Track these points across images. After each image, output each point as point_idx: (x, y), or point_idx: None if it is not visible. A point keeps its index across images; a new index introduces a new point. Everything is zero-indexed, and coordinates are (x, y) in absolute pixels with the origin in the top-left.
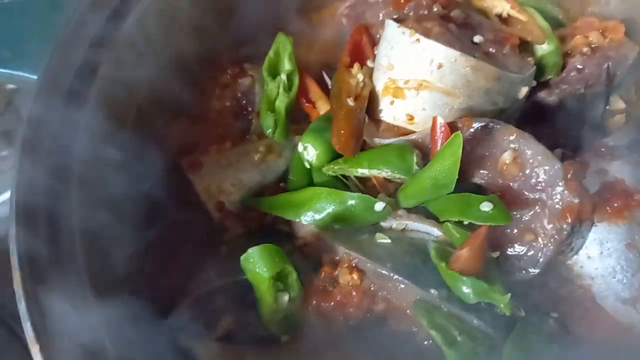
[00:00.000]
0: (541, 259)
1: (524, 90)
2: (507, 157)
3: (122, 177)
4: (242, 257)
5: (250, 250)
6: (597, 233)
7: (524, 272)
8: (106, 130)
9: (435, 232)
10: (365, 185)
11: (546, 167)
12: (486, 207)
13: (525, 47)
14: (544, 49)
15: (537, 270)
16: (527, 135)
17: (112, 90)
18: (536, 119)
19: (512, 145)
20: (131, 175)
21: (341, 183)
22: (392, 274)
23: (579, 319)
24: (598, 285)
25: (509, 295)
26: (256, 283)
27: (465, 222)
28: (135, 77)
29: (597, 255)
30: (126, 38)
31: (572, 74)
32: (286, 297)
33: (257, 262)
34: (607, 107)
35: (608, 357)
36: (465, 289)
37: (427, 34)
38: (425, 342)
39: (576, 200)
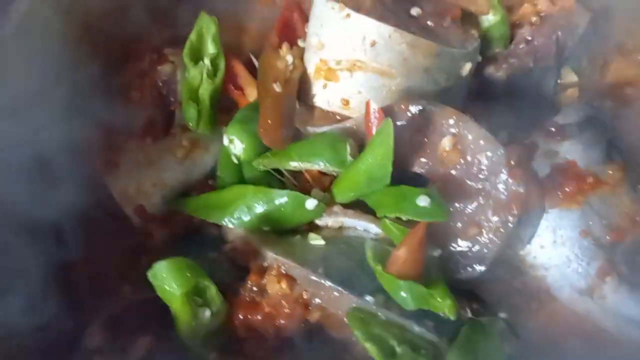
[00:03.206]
0: (487, 254)
1: (467, 67)
2: (446, 142)
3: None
4: (148, 273)
5: (156, 265)
6: (550, 220)
7: (469, 269)
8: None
9: (374, 228)
10: (299, 180)
11: (488, 153)
12: (423, 201)
13: (468, 19)
14: (489, 20)
15: (483, 267)
16: (467, 118)
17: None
18: (484, 97)
19: (451, 130)
20: (38, 182)
21: (275, 178)
22: (324, 281)
23: (535, 311)
24: (553, 275)
25: (450, 301)
26: (168, 301)
27: (404, 218)
28: (33, 68)
29: (551, 244)
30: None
31: (520, 46)
32: (207, 313)
33: (165, 279)
34: (559, 81)
35: (565, 350)
36: (403, 295)
37: (358, 8)
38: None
39: (521, 189)
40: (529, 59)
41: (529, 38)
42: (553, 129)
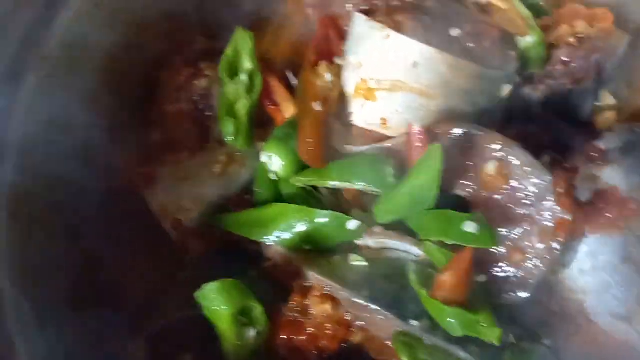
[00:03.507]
0: (532, 281)
1: (506, 89)
2: (491, 167)
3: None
4: (198, 294)
5: (207, 287)
6: (590, 245)
7: (512, 295)
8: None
9: (416, 251)
10: (337, 197)
11: (535, 180)
12: (470, 227)
13: (506, 39)
14: (527, 41)
15: (527, 294)
16: (513, 144)
17: (48, 96)
18: (520, 116)
19: (496, 155)
20: (76, 194)
21: (312, 194)
22: (368, 304)
23: (572, 335)
24: (591, 300)
25: (500, 331)
26: (216, 321)
27: (448, 242)
28: (74, 83)
29: (590, 269)
30: (60, 40)
31: (557, 67)
32: (252, 333)
33: (215, 300)
34: (597, 103)
35: None
36: (451, 321)
37: (399, 28)
38: None
39: (568, 217)
40: (566, 80)
41: (567, 59)
42: (595, 154)
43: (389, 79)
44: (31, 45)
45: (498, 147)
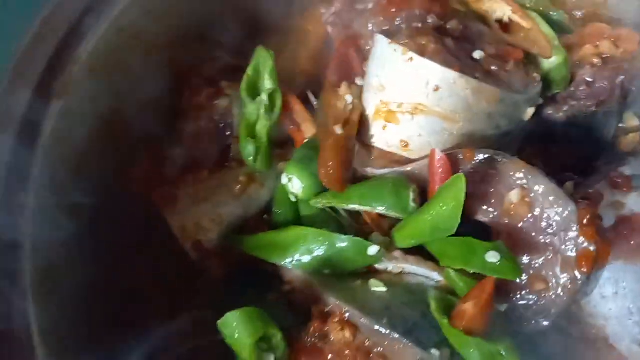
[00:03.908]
0: (553, 310)
1: (530, 112)
2: (514, 195)
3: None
4: (219, 323)
5: (228, 315)
6: (612, 272)
7: (533, 322)
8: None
9: (436, 276)
10: (357, 219)
11: (559, 209)
12: (493, 257)
13: (530, 61)
14: (550, 62)
15: (548, 322)
16: (537, 171)
17: (68, 122)
18: (542, 137)
19: (520, 183)
20: (91, 216)
21: (331, 216)
22: (388, 332)
23: None
24: (612, 326)
25: None
26: (237, 350)
27: (470, 270)
28: (96, 104)
29: (612, 295)
30: (84, 64)
31: (581, 89)
32: (271, 359)
33: (236, 328)
34: (620, 125)
35: None
36: (472, 352)
37: (421, 51)
38: None
39: (593, 248)
40: (590, 101)
41: (590, 80)
42: (619, 180)
43: (410, 102)
44: (57, 68)
45: (521, 174)
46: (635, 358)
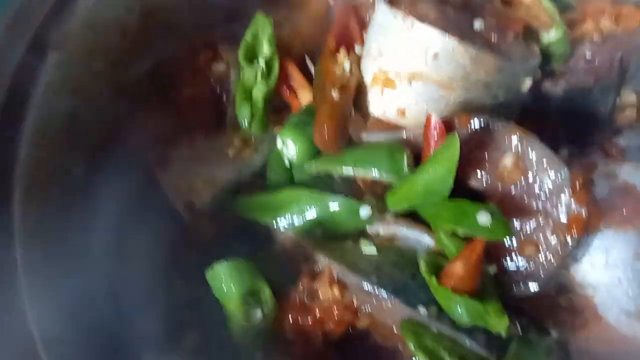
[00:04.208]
0: (543, 274)
1: (527, 83)
2: (508, 160)
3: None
4: (207, 274)
5: (216, 266)
6: (603, 240)
7: (522, 287)
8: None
9: (427, 239)
10: (350, 185)
11: (552, 174)
12: (484, 218)
13: (529, 33)
14: (550, 36)
15: (537, 287)
16: (532, 137)
17: (64, 78)
18: (539, 111)
19: (514, 148)
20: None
21: (325, 182)
22: (376, 289)
23: (579, 329)
24: (601, 295)
25: (507, 319)
26: (224, 301)
27: (461, 232)
28: (92, 59)
29: (602, 264)
30: (80, 21)
31: (580, 64)
32: (259, 314)
33: (224, 280)
34: (617, 101)
35: None
36: (459, 310)
37: (422, 18)
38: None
39: (584, 212)
40: (589, 77)
41: (589, 56)
42: (613, 150)
43: (408, 69)
44: (53, 24)
45: (516, 139)
46: (623, 328)
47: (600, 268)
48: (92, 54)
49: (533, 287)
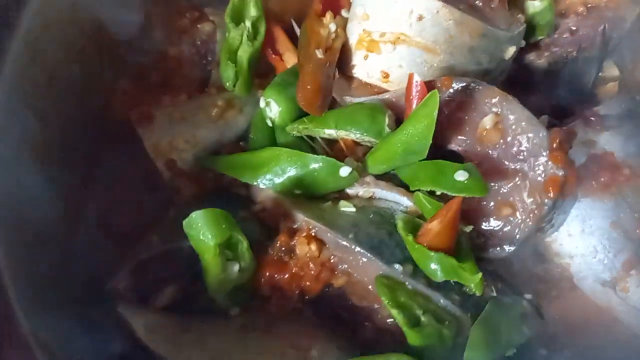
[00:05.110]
0: (518, 236)
1: (511, 51)
2: (487, 121)
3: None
4: (184, 222)
5: (193, 215)
6: (580, 209)
7: (498, 248)
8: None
9: (405, 201)
10: (332, 148)
11: (530, 135)
12: (461, 176)
13: (515, 2)
14: (535, 6)
15: (513, 248)
16: (511, 99)
17: (44, 35)
18: (523, 82)
19: (494, 109)
20: (72, 131)
21: (307, 144)
22: (353, 246)
23: (554, 298)
24: (577, 264)
25: (480, 274)
26: (201, 251)
27: (438, 193)
28: (77, 15)
29: (579, 233)
30: None
31: (564, 36)
32: (236, 267)
33: (201, 228)
34: (600, 74)
35: (581, 339)
36: (433, 266)
37: None
38: (389, 320)
39: (560, 173)
40: (573, 48)
41: (574, 28)
42: (593, 119)
43: (393, 32)
44: None
45: (496, 101)
46: (597, 296)
47: (577, 237)
48: (76, 8)
49: (508, 248)
